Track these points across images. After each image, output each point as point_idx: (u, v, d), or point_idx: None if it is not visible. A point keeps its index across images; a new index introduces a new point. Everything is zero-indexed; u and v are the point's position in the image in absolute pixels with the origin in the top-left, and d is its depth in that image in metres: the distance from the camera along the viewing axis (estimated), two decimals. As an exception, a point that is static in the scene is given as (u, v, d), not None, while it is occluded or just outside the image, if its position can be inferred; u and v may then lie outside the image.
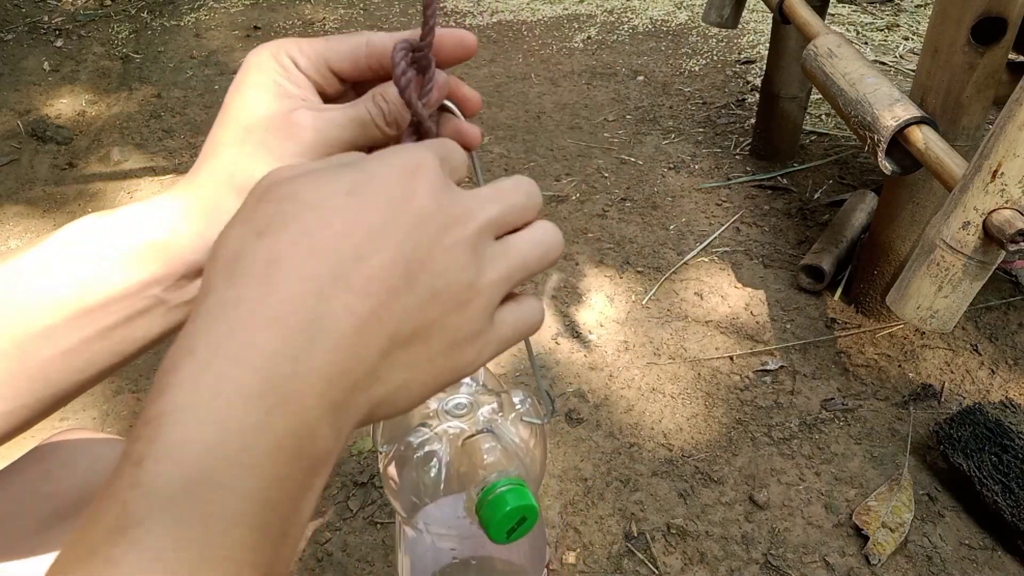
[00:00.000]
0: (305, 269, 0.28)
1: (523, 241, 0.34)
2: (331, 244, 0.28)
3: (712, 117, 2.17)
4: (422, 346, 0.31)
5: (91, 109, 2.36)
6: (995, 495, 1.05)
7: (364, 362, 0.28)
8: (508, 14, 2.98)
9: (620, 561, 1.07)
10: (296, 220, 0.28)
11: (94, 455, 0.63)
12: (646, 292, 1.54)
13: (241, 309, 0.27)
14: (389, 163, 0.30)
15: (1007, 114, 0.88)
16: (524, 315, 0.35)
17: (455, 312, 0.31)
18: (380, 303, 0.28)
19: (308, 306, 0.27)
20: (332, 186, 0.29)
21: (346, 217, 0.29)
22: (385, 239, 0.29)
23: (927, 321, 1.00)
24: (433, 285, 0.30)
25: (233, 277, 0.28)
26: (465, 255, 0.31)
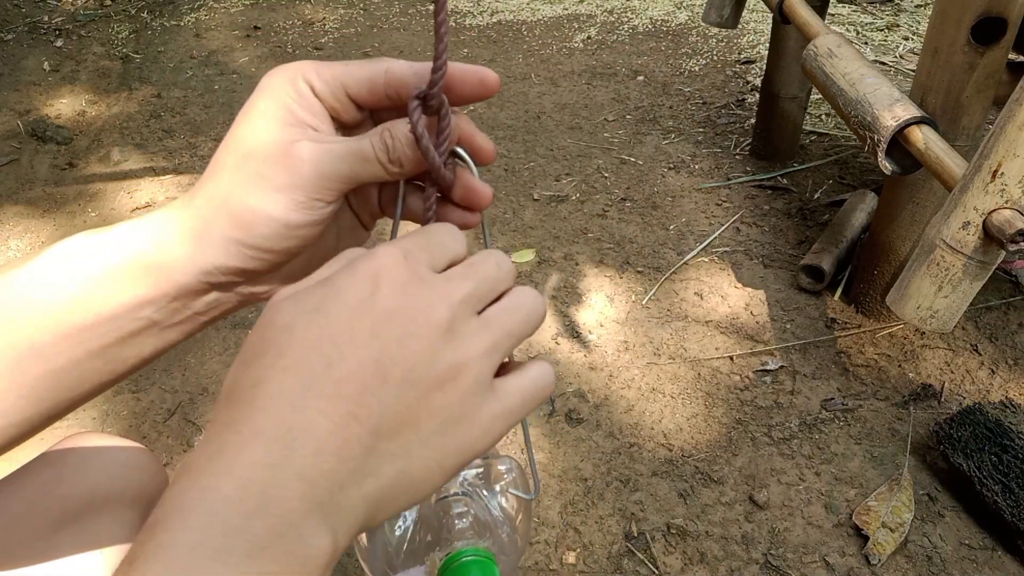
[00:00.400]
0: (281, 386, 0.30)
1: (503, 310, 0.35)
2: (301, 358, 0.31)
3: (712, 117, 2.17)
4: (411, 433, 0.32)
5: (91, 109, 2.36)
6: (995, 495, 1.05)
7: (347, 461, 0.30)
8: (508, 14, 2.98)
9: (620, 561, 1.07)
10: (274, 344, 0.32)
11: (106, 459, 0.63)
12: (646, 292, 1.54)
13: (230, 429, 0.30)
14: (353, 272, 0.33)
15: (1007, 114, 0.88)
16: (530, 382, 0.36)
17: (440, 392, 0.32)
18: (354, 403, 0.31)
19: (285, 417, 0.30)
20: (303, 305, 0.32)
21: (314, 332, 0.31)
22: (350, 344, 0.31)
23: (927, 321, 1.00)
24: (407, 376, 0.32)
25: (227, 405, 0.31)
26: (438, 339, 0.32)
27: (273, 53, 2.70)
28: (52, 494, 0.58)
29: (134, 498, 0.63)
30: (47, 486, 0.58)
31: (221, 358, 1.43)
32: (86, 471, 0.61)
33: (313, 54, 2.68)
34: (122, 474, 0.63)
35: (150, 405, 1.34)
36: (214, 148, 2.11)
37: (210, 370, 1.40)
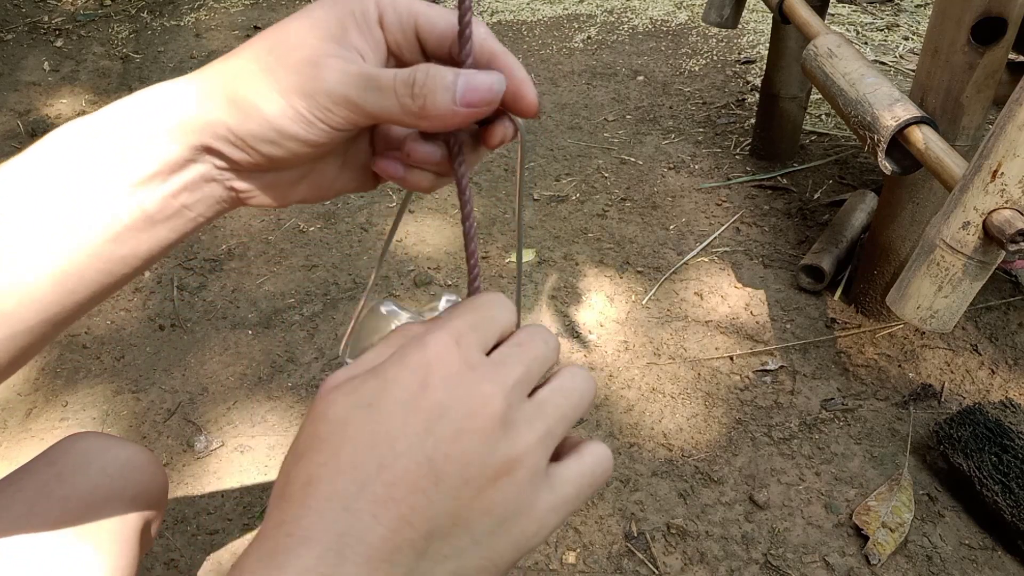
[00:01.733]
0: (333, 487, 0.30)
1: (555, 393, 0.34)
2: (354, 459, 0.30)
3: (712, 117, 2.17)
4: (464, 534, 0.31)
5: (91, 109, 2.35)
6: (995, 495, 1.05)
7: (399, 566, 0.30)
8: (508, 14, 2.98)
9: (620, 561, 1.07)
10: (326, 440, 0.31)
11: (106, 460, 0.63)
12: (646, 292, 1.54)
13: (282, 531, 0.30)
14: (404, 363, 0.32)
15: (1007, 114, 0.88)
16: (588, 468, 0.34)
17: (493, 489, 0.31)
18: (407, 506, 0.30)
19: (337, 521, 0.29)
20: (355, 399, 0.32)
21: (366, 430, 0.31)
22: (403, 442, 0.30)
23: (927, 321, 1.00)
24: (461, 474, 0.30)
25: (280, 502, 0.31)
26: (493, 433, 0.31)
27: (273, 53, 2.70)
28: (53, 495, 0.58)
29: (134, 499, 0.63)
30: (47, 487, 0.58)
31: (221, 358, 1.43)
32: (86, 472, 0.61)
33: (313, 54, 2.68)
34: (122, 474, 0.63)
35: (150, 405, 1.34)
36: (214, 148, 2.11)
37: (210, 370, 1.40)
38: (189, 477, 1.21)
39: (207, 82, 0.37)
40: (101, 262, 0.38)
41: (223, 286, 1.60)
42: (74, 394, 1.36)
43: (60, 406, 1.34)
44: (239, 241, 1.73)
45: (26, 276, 0.36)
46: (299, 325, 1.49)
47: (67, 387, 1.38)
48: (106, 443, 0.64)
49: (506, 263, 1.63)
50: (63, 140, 0.38)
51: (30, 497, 0.57)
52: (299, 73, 0.35)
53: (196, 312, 1.54)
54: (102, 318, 1.53)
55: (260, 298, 1.56)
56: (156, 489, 0.67)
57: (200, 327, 1.50)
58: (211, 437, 1.27)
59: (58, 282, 0.37)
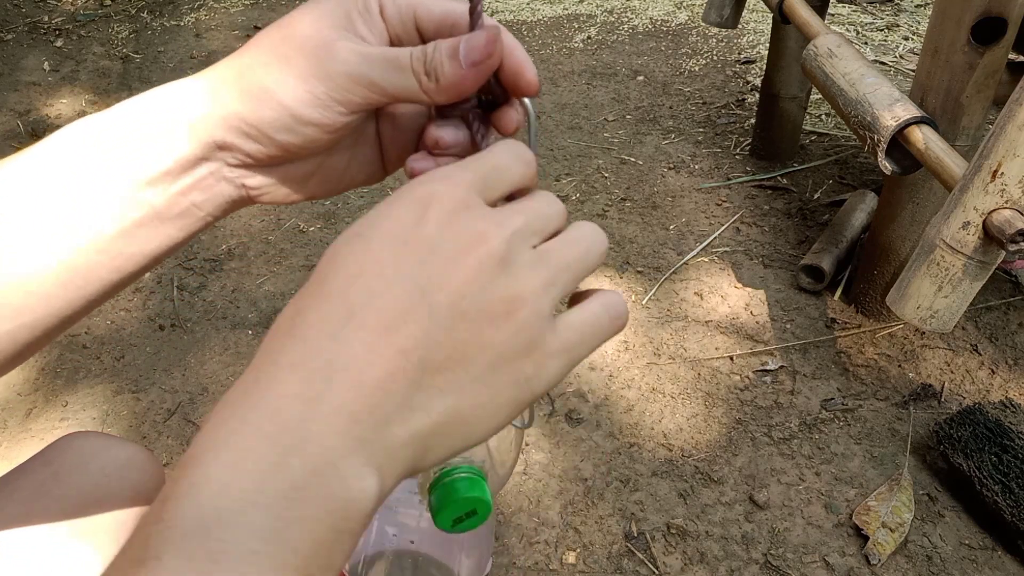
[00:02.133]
0: (320, 315, 0.29)
1: (561, 243, 0.33)
2: (343, 287, 0.29)
3: (712, 117, 2.17)
4: (461, 369, 0.30)
5: (91, 109, 2.36)
6: (995, 495, 1.05)
7: (393, 395, 0.29)
8: (508, 14, 2.98)
9: (620, 561, 1.07)
10: (318, 274, 0.31)
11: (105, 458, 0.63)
12: (646, 292, 1.54)
13: (267, 359, 0.29)
14: (401, 197, 0.31)
15: (1007, 114, 0.88)
16: (593, 315, 0.33)
17: (493, 327, 0.30)
18: (398, 333, 0.29)
19: (324, 348, 0.28)
20: (349, 231, 0.31)
21: (356, 259, 0.30)
22: (395, 272, 0.29)
23: (927, 321, 1.00)
24: (456, 306, 0.30)
25: (270, 335, 0.30)
26: (490, 270, 0.30)
27: (273, 53, 2.70)
28: (50, 494, 0.58)
29: (132, 497, 0.63)
30: (44, 486, 0.58)
31: (221, 358, 1.43)
32: (84, 471, 0.61)
33: (313, 54, 2.68)
34: (120, 474, 0.63)
35: (150, 405, 1.34)
36: (214, 148, 2.11)
37: (210, 370, 1.40)
38: (189, 477, 1.21)
39: (218, 76, 0.37)
40: (109, 258, 0.38)
41: (223, 286, 1.60)
42: (74, 394, 1.36)
43: (60, 406, 1.34)
44: (239, 241, 1.73)
45: (33, 271, 0.37)
46: (299, 325, 1.49)
47: (67, 387, 1.38)
48: (104, 442, 0.64)
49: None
50: (72, 137, 0.38)
51: (27, 497, 0.57)
52: (315, 57, 0.36)
53: (196, 312, 1.54)
54: (102, 318, 1.53)
55: (260, 298, 1.56)
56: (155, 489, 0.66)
57: (200, 327, 1.50)
58: (211, 437, 1.27)
59: (65, 278, 0.37)
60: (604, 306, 0.34)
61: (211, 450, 0.27)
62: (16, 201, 0.37)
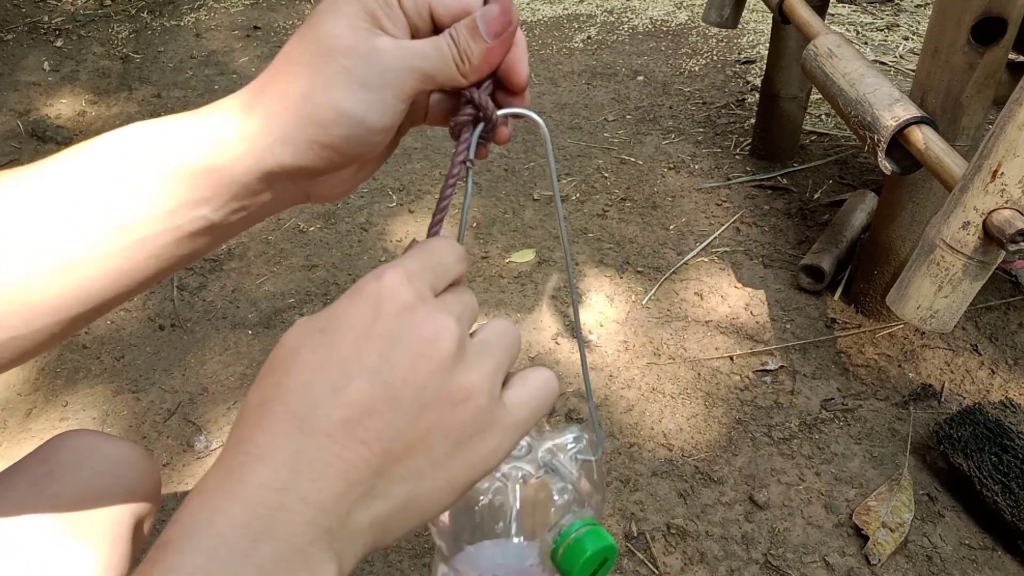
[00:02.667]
0: (286, 407, 0.31)
1: (494, 333, 0.36)
2: (308, 379, 0.31)
3: (712, 117, 2.17)
4: (421, 455, 0.32)
5: (91, 109, 2.36)
6: (995, 495, 1.05)
7: (355, 484, 0.30)
8: (508, 14, 2.98)
9: (620, 561, 1.07)
10: (281, 364, 0.32)
11: (98, 457, 0.62)
12: (646, 292, 1.54)
13: (238, 449, 0.31)
14: (357, 294, 0.33)
15: (1007, 114, 0.88)
16: (536, 391, 0.36)
17: (451, 414, 0.32)
18: (362, 426, 0.30)
19: (291, 439, 0.30)
20: (310, 326, 0.32)
21: (318, 353, 0.31)
22: (357, 367, 0.31)
23: (927, 321, 1.00)
24: (419, 398, 0.31)
25: (238, 423, 0.32)
26: (449, 361, 0.32)
27: (273, 53, 2.70)
28: (44, 493, 0.58)
29: (126, 496, 0.63)
30: (38, 485, 0.58)
31: (221, 358, 1.43)
32: (78, 469, 0.61)
33: (313, 54, 2.68)
34: (114, 472, 0.62)
35: (150, 405, 1.34)
36: (214, 148, 2.11)
37: (210, 370, 1.40)
38: (189, 477, 1.21)
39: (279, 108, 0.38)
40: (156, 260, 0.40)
41: (223, 286, 1.60)
42: (74, 394, 1.36)
43: (60, 406, 1.34)
44: (239, 241, 1.73)
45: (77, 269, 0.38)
46: (299, 325, 1.49)
47: (67, 387, 1.38)
48: (98, 440, 0.64)
49: (506, 263, 1.63)
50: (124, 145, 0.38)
51: (21, 496, 0.57)
52: (366, 63, 0.37)
53: (196, 312, 1.54)
54: (102, 318, 1.53)
55: (260, 298, 1.56)
56: (149, 486, 0.66)
57: (200, 327, 1.50)
58: (211, 437, 1.27)
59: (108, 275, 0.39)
60: (543, 381, 0.37)
61: (187, 536, 0.29)
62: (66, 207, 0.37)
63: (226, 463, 0.31)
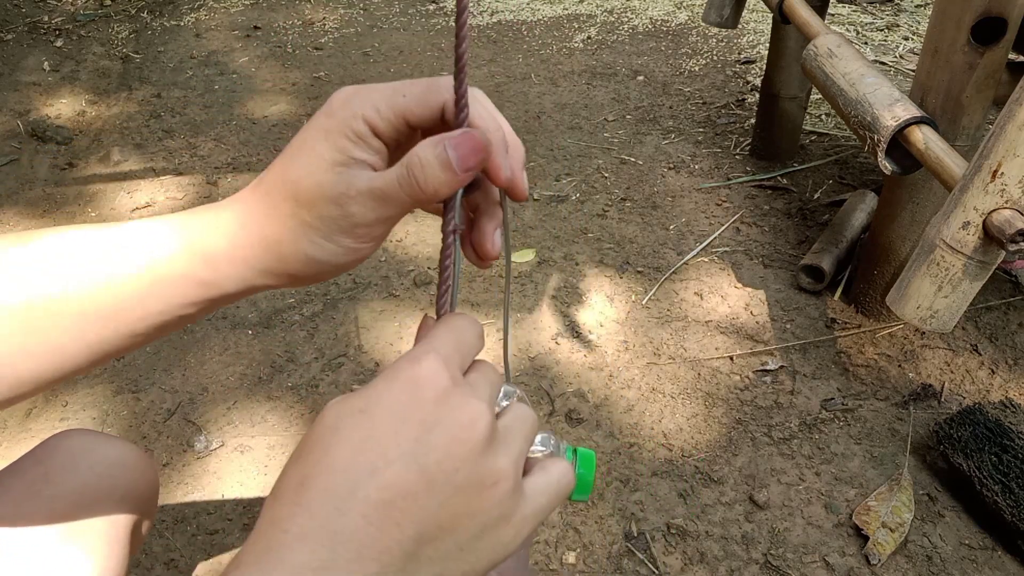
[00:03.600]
0: (326, 486, 0.31)
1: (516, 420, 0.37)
2: (347, 460, 0.32)
3: (712, 117, 2.17)
4: (449, 538, 0.33)
5: (91, 109, 2.36)
6: (995, 495, 1.05)
7: (388, 566, 0.31)
8: (508, 14, 2.98)
9: (620, 561, 1.07)
10: (318, 443, 0.33)
11: (94, 457, 0.62)
12: (646, 292, 1.54)
13: (277, 528, 0.31)
14: (396, 377, 0.34)
15: (1007, 114, 0.88)
16: (555, 481, 0.38)
17: (479, 499, 0.33)
18: (397, 509, 0.31)
19: (330, 520, 0.31)
20: (349, 407, 0.33)
21: (357, 435, 0.32)
22: (396, 450, 0.32)
23: (927, 321, 1.00)
24: (452, 482, 0.33)
25: (274, 501, 0.33)
26: (482, 446, 0.33)
27: (273, 53, 2.70)
28: (40, 494, 0.58)
29: (123, 497, 0.62)
30: (35, 487, 0.58)
31: (221, 358, 1.43)
32: (74, 470, 0.60)
33: (313, 54, 2.68)
34: (111, 473, 0.62)
35: (150, 405, 1.34)
36: (214, 148, 2.11)
37: (210, 370, 1.40)
38: (189, 477, 1.21)
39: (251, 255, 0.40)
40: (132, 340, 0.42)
41: (223, 286, 1.60)
42: (74, 394, 1.36)
43: (60, 406, 1.34)
44: (239, 241, 1.73)
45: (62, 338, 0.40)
46: (299, 325, 1.49)
47: (67, 387, 1.38)
48: (94, 441, 0.64)
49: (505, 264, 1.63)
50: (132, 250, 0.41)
51: (17, 497, 0.57)
52: (338, 218, 0.38)
53: (196, 312, 1.54)
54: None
55: (260, 298, 1.56)
56: (146, 487, 0.66)
57: (200, 327, 1.50)
58: (211, 437, 1.27)
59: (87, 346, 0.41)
60: (561, 472, 0.39)
61: None
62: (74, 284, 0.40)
63: (263, 541, 0.31)
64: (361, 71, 2.56)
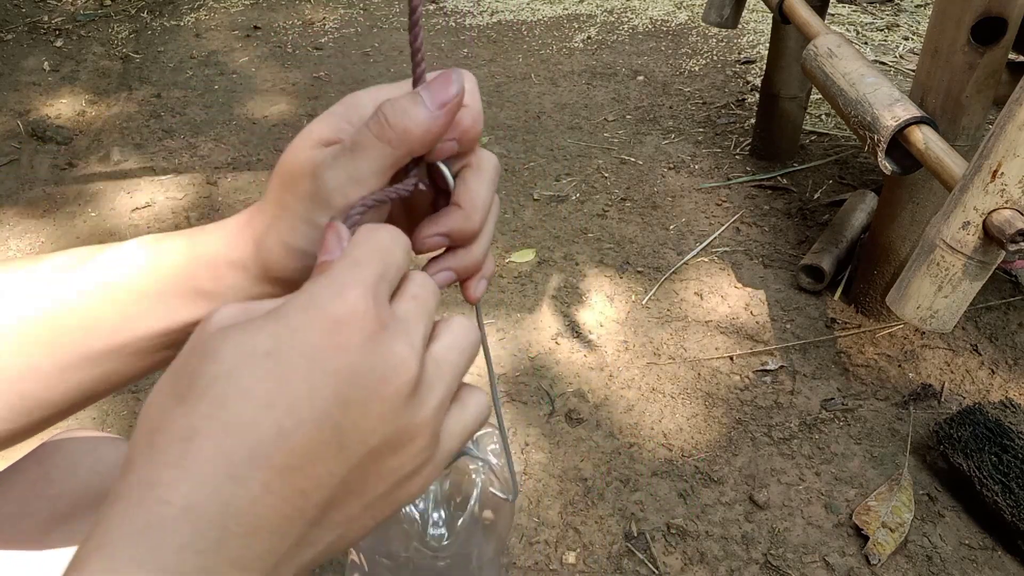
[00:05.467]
0: (219, 447, 0.26)
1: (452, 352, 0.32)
2: (248, 418, 0.26)
3: (712, 117, 2.17)
4: (357, 500, 0.30)
5: (91, 109, 2.36)
6: (995, 495, 1.05)
7: (287, 537, 0.27)
8: (508, 14, 2.98)
9: (620, 561, 1.07)
10: (211, 386, 0.27)
11: (95, 457, 0.62)
12: (646, 292, 1.54)
13: (155, 493, 0.26)
14: (314, 313, 0.28)
15: (1007, 114, 0.88)
16: (471, 420, 0.33)
17: (394, 456, 0.30)
18: (304, 475, 0.27)
19: (221, 491, 0.26)
20: (252, 342, 0.28)
21: (265, 385, 0.27)
22: (309, 408, 0.27)
23: (927, 321, 1.00)
24: (365, 442, 0.28)
25: (151, 453, 0.27)
26: (403, 400, 0.29)
27: (273, 53, 2.70)
28: (42, 495, 0.58)
29: None
30: (36, 487, 0.58)
31: (221, 358, 1.43)
32: (76, 470, 0.60)
33: (313, 54, 2.68)
34: (112, 472, 0.62)
35: (150, 405, 1.34)
36: (214, 148, 2.11)
37: (210, 370, 1.40)
38: (189, 477, 1.21)
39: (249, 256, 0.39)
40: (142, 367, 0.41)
41: (223, 286, 1.60)
42: (74, 394, 1.36)
43: (60, 406, 1.34)
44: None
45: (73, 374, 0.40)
46: (299, 325, 1.49)
47: (67, 387, 1.38)
48: (96, 441, 0.64)
49: (506, 263, 1.63)
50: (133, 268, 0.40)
51: (19, 497, 0.57)
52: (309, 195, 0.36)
53: (196, 312, 1.54)
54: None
55: (260, 298, 1.56)
56: None
57: (200, 327, 1.50)
58: (211, 437, 1.27)
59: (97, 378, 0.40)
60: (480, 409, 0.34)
61: None
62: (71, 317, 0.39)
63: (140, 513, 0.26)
64: (361, 71, 2.56)
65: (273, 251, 0.37)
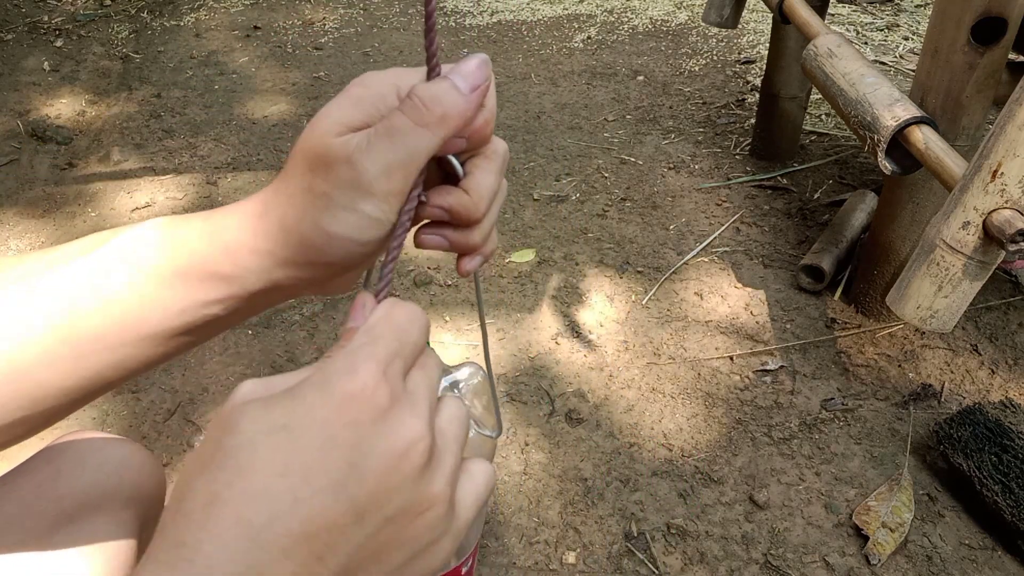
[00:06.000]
0: (241, 512, 0.28)
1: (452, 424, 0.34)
2: (266, 486, 0.28)
3: (712, 117, 2.17)
4: (375, 566, 0.31)
5: (91, 109, 2.36)
6: (995, 495, 1.05)
7: None
8: (508, 14, 2.98)
9: (620, 561, 1.07)
10: (232, 457, 0.29)
11: (103, 457, 0.63)
12: (646, 292, 1.54)
13: (180, 553, 0.27)
14: (327, 390, 0.30)
15: (1007, 114, 0.88)
16: (481, 489, 0.35)
17: (411, 526, 0.31)
18: (322, 543, 0.28)
19: (242, 553, 0.27)
20: (269, 420, 0.29)
21: (281, 456, 0.28)
22: (323, 477, 0.28)
23: (927, 321, 1.00)
24: (384, 512, 0.30)
25: (177, 516, 0.28)
26: (417, 474, 0.30)
27: (273, 53, 2.70)
28: (48, 495, 0.58)
29: (130, 497, 0.63)
30: (43, 487, 0.58)
31: (221, 358, 1.43)
32: (82, 471, 0.61)
33: (313, 54, 2.68)
34: (118, 473, 0.63)
35: (150, 405, 1.34)
36: (214, 148, 2.11)
37: (210, 370, 1.40)
38: (189, 477, 1.21)
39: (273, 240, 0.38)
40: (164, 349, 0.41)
41: (223, 286, 1.60)
42: (74, 394, 1.36)
43: (60, 406, 1.34)
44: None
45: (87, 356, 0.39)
46: (299, 325, 1.49)
47: (67, 387, 1.38)
48: (102, 441, 0.64)
49: (506, 263, 1.63)
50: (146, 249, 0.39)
51: (26, 497, 0.57)
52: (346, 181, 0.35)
53: (196, 312, 1.54)
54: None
55: (260, 298, 1.56)
56: (153, 487, 0.66)
57: (200, 327, 1.50)
58: (211, 437, 1.27)
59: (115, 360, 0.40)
60: (488, 478, 0.35)
61: None
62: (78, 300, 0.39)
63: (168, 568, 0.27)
64: (361, 71, 2.54)
65: (316, 240, 0.37)
